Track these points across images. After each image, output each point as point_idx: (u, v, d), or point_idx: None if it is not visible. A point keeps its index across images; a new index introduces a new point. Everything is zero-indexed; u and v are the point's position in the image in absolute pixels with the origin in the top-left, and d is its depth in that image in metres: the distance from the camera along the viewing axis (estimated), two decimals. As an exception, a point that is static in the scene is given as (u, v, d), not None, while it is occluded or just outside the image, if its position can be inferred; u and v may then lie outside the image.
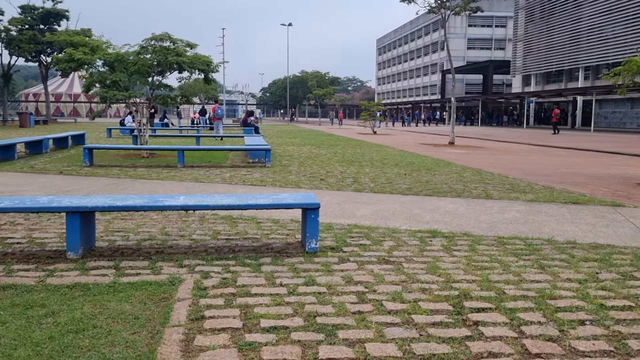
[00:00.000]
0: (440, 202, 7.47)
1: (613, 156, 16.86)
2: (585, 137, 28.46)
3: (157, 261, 4.39)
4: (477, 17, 71.19)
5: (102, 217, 6.10)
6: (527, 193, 8.32)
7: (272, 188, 8.80)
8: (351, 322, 3.16)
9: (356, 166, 12.27)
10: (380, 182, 9.44)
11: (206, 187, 8.83)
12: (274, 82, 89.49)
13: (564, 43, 47.29)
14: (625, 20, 39.50)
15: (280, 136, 27.66)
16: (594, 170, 12.35)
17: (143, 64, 13.59)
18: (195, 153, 14.54)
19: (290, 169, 11.52)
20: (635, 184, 9.75)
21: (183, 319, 3.19)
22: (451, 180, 9.87)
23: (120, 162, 12.76)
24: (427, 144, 22.01)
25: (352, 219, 6.24)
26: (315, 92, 63.51)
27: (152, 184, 9.14)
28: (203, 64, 13.71)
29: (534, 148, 20.73)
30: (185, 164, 11.99)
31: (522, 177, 10.55)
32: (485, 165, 12.84)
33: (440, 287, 3.83)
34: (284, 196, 5.08)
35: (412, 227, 5.83)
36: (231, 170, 11.26)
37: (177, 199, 4.88)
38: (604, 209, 7.07)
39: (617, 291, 3.78)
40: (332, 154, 15.69)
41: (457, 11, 22.63)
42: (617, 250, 4.96)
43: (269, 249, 4.86)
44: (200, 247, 4.87)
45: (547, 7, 50.00)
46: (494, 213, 6.72)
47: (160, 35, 13.65)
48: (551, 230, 5.76)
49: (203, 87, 43.56)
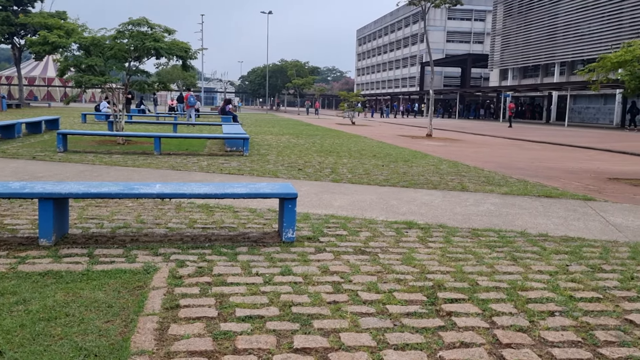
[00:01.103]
0: (417, 194, 7.54)
1: (586, 151, 17.20)
2: (559, 132, 28.96)
3: (132, 249, 4.35)
4: (457, 10, 71.60)
5: (76, 204, 6.01)
6: (501, 186, 8.45)
7: (249, 177, 8.77)
8: (326, 312, 3.19)
9: (334, 156, 12.29)
10: (358, 173, 9.48)
11: (183, 175, 8.76)
12: (253, 71, 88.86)
13: (540, 38, 47.88)
14: (601, 18, 40.15)
15: (259, 125, 27.52)
16: (566, 164, 12.59)
17: (120, 48, 13.35)
18: (172, 140, 14.38)
19: (268, 158, 11.49)
20: (607, 179, 9.97)
21: (158, 307, 3.17)
22: (428, 172, 9.96)
23: (95, 148, 12.56)
24: (405, 136, 22.14)
25: (329, 210, 6.26)
26: (295, 82, 63.23)
27: (128, 171, 9.02)
28: (181, 50, 13.53)
29: (510, 141, 21.02)
30: (162, 152, 11.86)
31: (498, 170, 10.70)
32: (461, 158, 12.98)
33: (415, 278, 3.87)
34: (261, 185, 5.06)
35: (388, 218, 5.87)
36: (208, 159, 11.17)
37: (153, 186, 4.82)
38: (576, 202, 7.22)
39: (586, 283, 3.87)
40: (310, 144, 15.67)
41: (437, 4, 22.71)
42: (587, 243, 5.07)
43: (246, 238, 4.85)
44: (176, 236, 4.83)
45: (525, 3, 50.51)
46: (469, 205, 6.81)
47: (138, 20, 13.42)
48: (524, 223, 5.86)
49: (181, 73, 42.96)
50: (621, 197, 7.82)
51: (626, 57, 9.81)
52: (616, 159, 14.51)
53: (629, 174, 10.84)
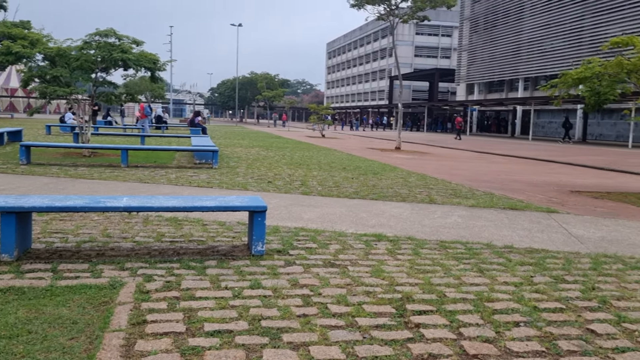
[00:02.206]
0: (386, 206, 7.61)
1: (549, 164, 17.66)
2: (524, 145, 29.66)
3: (98, 264, 4.27)
4: (425, 25, 72.91)
5: (40, 218, 5.87)
6: (468, 198, 8.60)
7: (218, 190, 8.71)
8: (296, 326, 3.18)
9: (304, 169, 12.31)
10: (328, 186, 9.52)
11: (150, 188, 8.64)
12: (223, 83, 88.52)
13: (505, 54, 49.14)
14: (563, 35, 41.48)
15: (229, 137, 27.38)
16: (531, 177, 12.90)
17: (86, 59, 13.16)
18: (140, 153, 14.19)
19: (237, 171, 11.43)
20: (569, 191, 10.25)
21: (124, 323, 3.11)
22: (397, 184, 10.06)
23: (60, 160, 12.29)
24: (374, 149, 22.34)
25: (299, 222, 6.26)
26: (265, 94, 63.32)
27: (94, 184, 8.86)
28: (149, 61, 13.41)
29: (476, 155, 21.42)
30: (129, 164, 11.68)
31: (464, 182, 10.89)
32: (429, 171, 13.17)
33: (384, 290, 3.90)
34: (230, 198, 5.04)
35: (358, 231, 5.91)
36: (177, 171, 11.06)
37: (119, 199, 4.75)
38: (540, 215, 7.40)
39: (549, 294, 3.97)
40: (280, 157, 15.67)
41: (405, 19, 23.12)
42: (550, 254, 5.20)
43: (215, 251, 4.82)
44: (144, 250, 4.76)
45: (491, 19, 51.85)
46: (437, 217, 6.91)
47: (105, 31, 13.26)
48: (490, 235, 5.98)
49: (149, 85, 42.53)
50: (583, 210, 8.05)
51: (586, 74, 10.16)
52: (577, 172, 14.94)
53: (589, 187, 11.17)
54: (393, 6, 22.53)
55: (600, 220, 7.17)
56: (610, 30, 35.40)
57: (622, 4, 35.97)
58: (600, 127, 41.20)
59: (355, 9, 23.05)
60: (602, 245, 5.69)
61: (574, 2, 40.45)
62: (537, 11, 44.75)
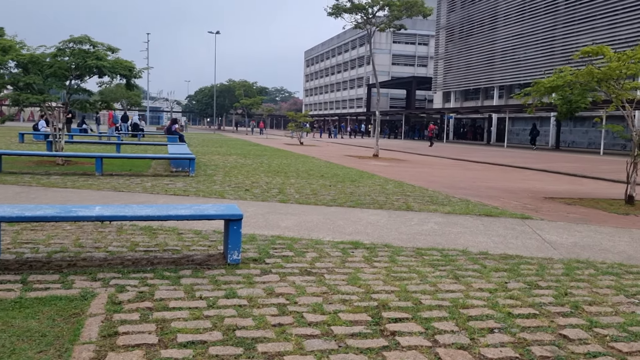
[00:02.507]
0: (363, 214, 7.62)
1: (523, 171, 17.93)
2: (499, 152, 30.08)
3: (69, 275, 4.18)
4: (401, 34, 73.66)
5: (10, 228, 5.74)
6: (445, 205, 8.67)
7: (194, 198, 8.63)
8: (271, 335, 3.16)
9: (282, 177, 12.28)
10: (306, 193, 9.51)
11: (125, 197, 8.52)
12: (201, 90, 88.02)
13: (480, 63, 49.90)
14: (536, 44, 42.31)
15: (206, 145, 27.20)
16: (506, 184, 13.07)
17: (60, 66, 12.95)
18: (115, 161, 13.99)
19: (214, 179, 11.35)
20: (543, 198, 10.41)
21: (94, 335, 3.05)
22: (374, 192, 10.10)
23: (33, 169, 12.05)
24: (352, 156, 22.42)
25: (276, 230, 6.23)
26: (243, 102, 63.14)
27: (67, 193, 8.70)
28: (125, 69, 13.25)
29: (453, 162, 21.64)
30: (103, 172, 11.51)
31: (441, 189, 10.98)
32: (406, 178, 13.25)
33: (360, 298, 3.90)
34: (206, 207, 5.00)
35: (335, 239, 5.90)
36: (153, 180, 10.93)
37: (92, 209, 4.67)
38: (514, 221, 7.50)
39: (523, 300, 4.01)
40: (258, 164, 15.62)
41: (382, 28, 23.32)
42: (524, 260, 5.26)
43: (190, 261, 4.76)
44: (117, 260, 4.68)
45: (466, 29, 52.63)
46: (414, 225, 6.94)
47: (80, 37, 13.08)
48: (466, 242, 6.03)
49: (125, 92, 42.06)
50: (556, 216, 8.18)
51: (558, 82, 10.35)
52: (551, 179, 15.19)
53: (562, 193, 11.36)
54: (370, 15, 22.72)
55: (572, 226, 7.29)
56: (581, 40, 36.25)
57: (593, 15, 36.87)
58: (572, 134, 42.03)
59: (333, 17, 23.19)
60: (574, 251, 5.79)
61: (546, 13, 41.33)
62: (510, 21, 45.59)
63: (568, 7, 39.14)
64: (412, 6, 21.84)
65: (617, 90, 9.90)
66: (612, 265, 5.19)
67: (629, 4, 34.15)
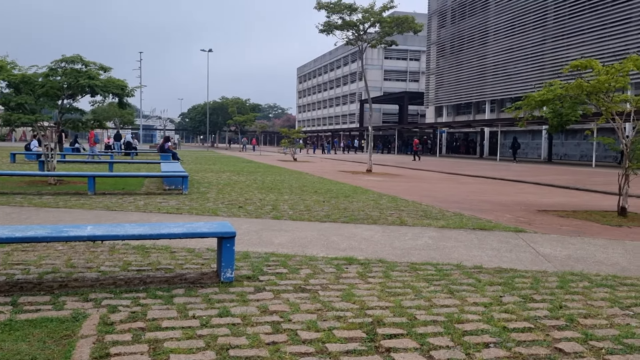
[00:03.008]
0: (357, 229, 7.61)
1: (516, 184, 18.00)
2: (492, 166, 30.21)
3: (60, 296, 4.13)
4: (393, 50, 74.28)
5: (0, 249, 5.68)
6: (438, 219, 8.67)
7: (187, 216, 8.59)
8: (265, 354, 3.12)
9: (275, 193, 12.26)
10: (299, 210, 9.49)
11: (118, 216, 8.47)
12: (194, 108, 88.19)
13: (471, 78, 50.35)
14: (525, 59, 42.79)
15: (199, 162, 27.18)
16: (499, 197, 13.11)
17: (52, 86, 12.94)
18: (107, 180, 13.94)
19: (208, 196, 11.32)
20: (536, 211, 10.44)
21: (86, 357, 3.01)
22: (368, 207, 10.10)
23: (25, 189, 11.98)
24: (345, 172, 22.45)
25: (269, 247, 6.21)
26: (236, 119, 63.30)
27: (59, 213, 8.64)
28: (117, 87, 13.27)
29: (446, 176, 21.71)
30: (96, 192, 11.46)
31: (435, 204, 10.99)
32: (400, 193, 13.27)
33: (355, 315, 3.87)
34: (198, 225, 4.97)
35: (329, 255, 5.88)
36: (146, 198, 10.88)
37: (83, 228, 4.64)
38: (508, 234, 7.51)
39: (518, 313, 3.99)
40: (251, 181, 15.60)
41: (373, 44, 23.51)
42: (518, 274, 5.26)
43: (183, 279, 4.72)
44: (109, 280, 4.64)
45: (457, 44, 53.18)
46: (408, 239, 6.93)
47: (72, 57, 13.10)
48: (460, 256, 6.02)
49: (118, 111, 42.06)
50: (549, 228, 8.20)
51: (548, 96, 10.44)
52: (544, 192, 15.25)
53: (555, 206, 11.40)
54: (361, 31, 22.92)
55: (566, 239, 7.30)
56: (570, 54, 36.68)
57: (581, 29, 37.37)
58: (564, 147, 42.32)
59: (325, 34, 23.37)
60: (568, 264, 5.79)
61: (535, 27, 41.86)
62: (500, 36, 46.13)
63: (557, 21, 39.67)
64: (403, 22, 22.05)
65: (607, 103, 10.00)
66: (606, 277, 5.19)
67: (616, 18, 34.66)
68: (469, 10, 51.09)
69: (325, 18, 22.74)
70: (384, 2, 21.71)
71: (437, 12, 57.11)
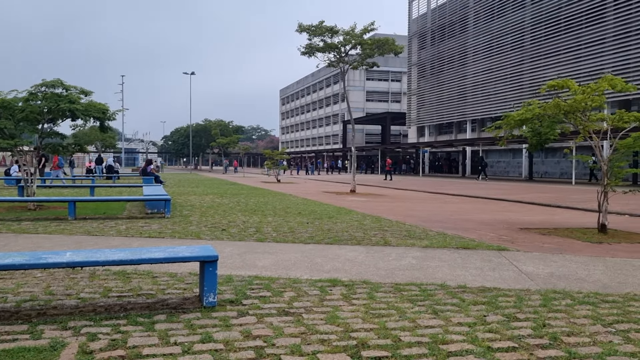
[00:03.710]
0: (341, 250, 7.59)
1: (498, 202, 18.16)
2: (474, 185, 30.48)
3: (38, 324, 4.04)
4: (374, 71, 75.24)
5: (-24, 277, 5.55)
6: (422, 239, 8.69)
7: (170, 240, 8.50)
8: (248, 380, 3.07)
9: (259, 215, 12.21)
10: (283, 231, 9.45)
11: (99, 241, 8.35)
12: (177, 130, 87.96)
13: (452, 98, 51.08)
14: (504, 79, 43.59)
15: (182, 185, 27.00)
16: (482, 216, 13.20)
17: (32, 110, 12.82)
18: (88, 204, 13.77)
19: (190, 220, 11.23)
20: (518, 229, 10.53)
21: (64, 388, 2.93)
22: (352, 228, 10.09)
23: (3, 215, 11.77)
24: (329, 192, 22.46)
25: (253, 270, 6.15)
26: (219, 141, 63.21)
27: (38, 239, 8.49)
28: (98, 111, 13.19)
29: (429, 195, 21.83)
30: (77, 217, 11.30)
31: (418, 223, 11.03)
32: (384, 213, 13.29)
33: (339, 337, 3.84)
34: (180, 249, 4.92)
35: (313, 277, 5.85)
36: (127, 222, 10.76)
37: (62, 255, 4.56)
38: (491, 253, 7.54)
39: (502, 333, 4.00)
40: (234, 204, 15.52)
41: (355, 65, 23.78)
42: (502, 292, 5.27)
43: (165, 305, 4.65)
44: (89, 307, 4.55)
45: (437, 65, 54.03)
46: (392, 260, 6.93)
47: (52, 81, 13.02)
48: (444, 275, 6.03)
49: (99, 135, 41.78)
50: (531, 246, 8.26)
51: (527, 115, 10.62)
52: (525, 210, 15.40)
53: (537, 224, 11.51)
54: (343, 53, 23.17)
55: (548, 257, 7.36)
56: (548, 74, 37.49)
57: (557, 50, 38.25)
58: (545, 165, 42.93)
59: (307, 56, 23.59)
60: (551, 281, 5.83)
61: (513, 48, 42.75)
62: (479, 57, 46.98)
63: (533, 42, 40.57)
64: (383, 44, 22.36)
65: (584, 122, 10.19)
66: (588, 295, 5.23)
67: (590, 39, 35.56)
68: (449, 32, 52.06)
69: (307, 40, 22.99)
70: (365, 25, 22.05)
71: (417, 34, 58.09)
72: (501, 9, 44.28)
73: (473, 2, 48.10)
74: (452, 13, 51.42)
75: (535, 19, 40.36)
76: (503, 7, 44.05)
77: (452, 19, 51.49)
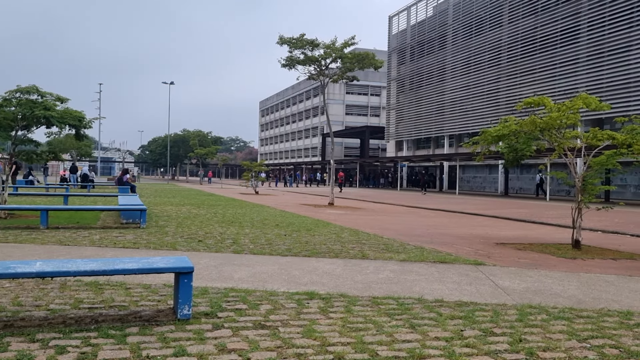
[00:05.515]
0: (319, 263, 7.54)
1: (475, 217, 18.32)
2: (451, 200, 30.74)
3: (5, 336, 3.90)
4: (354, 85, 75.75)
5: (-59, 287, 5.36)
6: (400, 253, 8.69)
7: (145, 251, 8.35)
8: (222, 395, 3.00)
9: (236, 227, 12.10)
10: (260, 243, 9.37)
11: (71, 251, 8.16)
12: (154, 140, 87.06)
13: (430, 113, 51.64)
14: (482, 96, 44.26)
15: (159, 195, 26.68)
16: (458, 230, 13.29)
17: (5, 117, 12.57)
18: (62, 213, 13.49)
19: (166, 230, 11.06)
20: (494, 244, 10.61)
21: (29, 403, 2.82)
22: (330, 240, 10.05)
23: (-29, 223, 11.45)
24: (308, 205, 22.41)
25: (229, 282, 6.07)
26: (197, 151, 62.81)
27: (8, 248, 8.27)
28: (74, 119, 12.98)
29: (407, 209, 21.93)
30: (49, 226, 11.05)
31: (396, 237, 11.04)
32: (362, 226, 13.29)
33: (316, 352, 3.79)
34: (154, 260, 4.82)
35: (290, 289, 5.79)
36: (102, 232, 10.55)
37: (32, 264, 4.43)
38: (468, 267, 7.57)
39: (479, 347, 3.99)
40: (212, 215, 15.37)
41: (335, 79, 23.89)
42: (479, 307, 5.28)
43: (137, 317, 4.54)
44: (58, 318, 4.42)
45: (416, 80, 54.64)
46: (369, 273, 6.91)
47: (27, 87, 12.79)
48: (421, 289, 6.02)
49: (75, 143, 41.14)
50: (508, 261, 8.32)
51: (504, 131, 10.76)
52: (501, 225, 15.56)
53: (513, 239, 11.62)
54: (323, 67, 23.28)
55: (524, 272, 7.42)
56: (524, 91, 38.19)
57: (533, 68, 39.02)
58: (520, 181, 43.53)
59: (287, 68, 23.63)
60: (527, 296, 5.86)
61: (491, 65, 43.48)
62: (457, 73, 47.66)
63: (510, 60, 41.32)
64: (363, 59, 22.54)
65: (559, 139, 10.36)
66: (563, 310, 5.27)
67: (565, 58, 36.37)
68: (428, 49, 52.74)
69: (288, 53, 23.05)
70: (346, 39, 22.18)
71: (397, 49, 58.73)
72: (479, 27, 45.09)
73: (452, 20, 48.90)
74: (432, 30, 52.17)
75: (512, 38, 41.16)
76: (481, 26, 44.86)
77: (431, 36, 52.22)
